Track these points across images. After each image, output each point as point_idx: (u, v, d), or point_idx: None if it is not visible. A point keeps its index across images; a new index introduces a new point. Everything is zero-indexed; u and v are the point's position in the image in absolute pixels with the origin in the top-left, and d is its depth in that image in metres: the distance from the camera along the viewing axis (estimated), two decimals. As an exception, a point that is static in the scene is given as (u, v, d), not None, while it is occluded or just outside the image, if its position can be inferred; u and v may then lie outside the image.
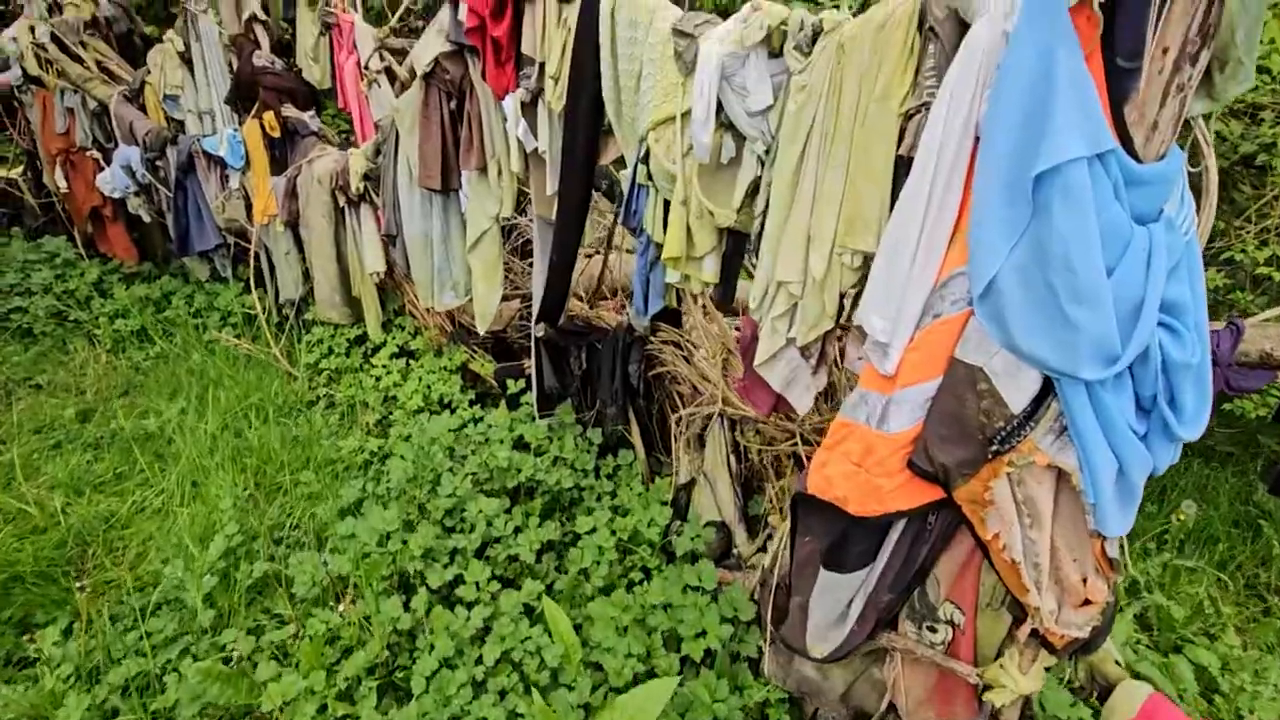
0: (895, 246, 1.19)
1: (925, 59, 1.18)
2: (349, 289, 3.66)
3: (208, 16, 3.83)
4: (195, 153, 3.79)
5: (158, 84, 3.95)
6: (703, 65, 1.47)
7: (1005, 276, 1.01)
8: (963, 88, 1.07)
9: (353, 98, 3.82)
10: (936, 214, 1.11)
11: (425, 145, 2.72)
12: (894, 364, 1.19)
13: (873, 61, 1.24)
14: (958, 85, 1.08)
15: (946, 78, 1.10)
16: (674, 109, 1.67)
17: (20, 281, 4.12)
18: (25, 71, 4.01)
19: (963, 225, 1.10)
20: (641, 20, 1.77)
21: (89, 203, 4.20)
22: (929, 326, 1.14)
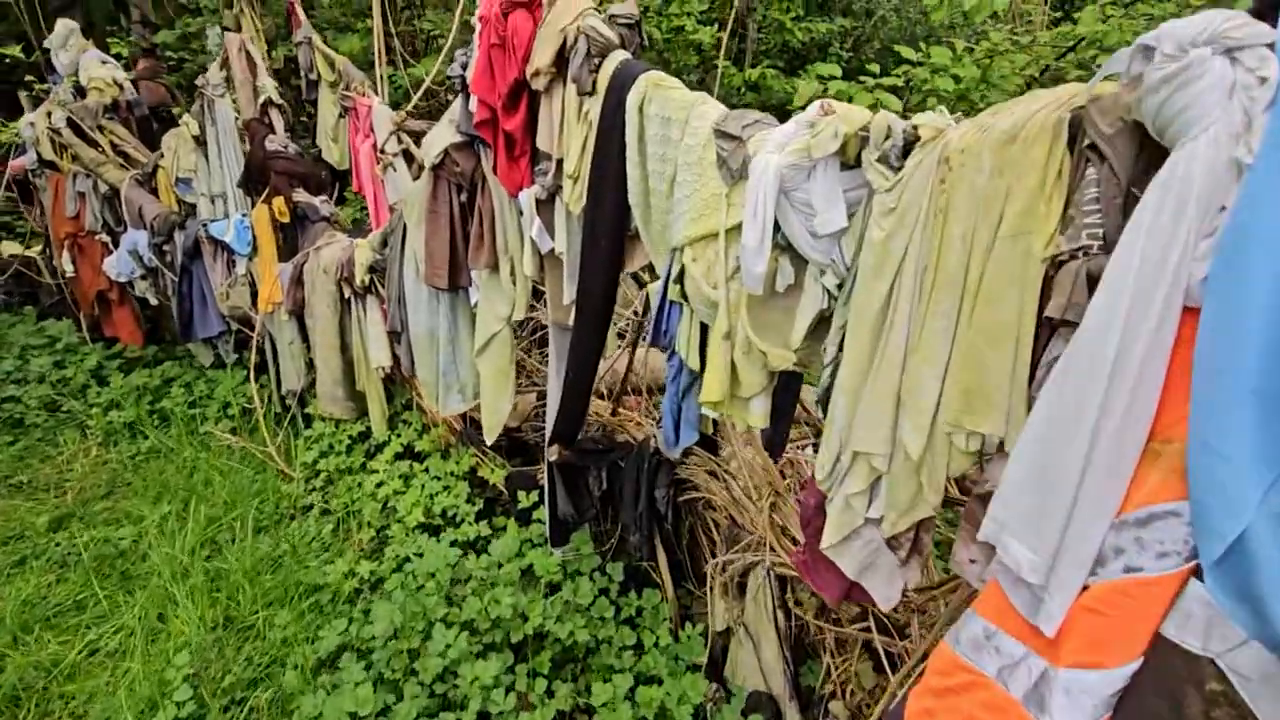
0: (1047, 452, 0.81)
1: (1083, 187, 0.84)
2: (353, 382, 3.37)
3: (224, 100, 3.71)
4: (201, 238, 3.60)
5: (171, 167, 3.81)
6: (757, 179, 1.15)
7: (1259, 533, 0.63)
8: (1164, 234, 0.72)
9: (368, 181, 3.63)
10: (1122, 416, 0.74)
11: (432, 240, 2.45)
12: (1055, 623, 0.80)
13: (996, 186, 0.90)
14: (1154, 230, 0.72)
15: (1135, 218, 0.75)
16: (716, 224, 1.34)
17: (18, 368, 3.92)
18: (40, 156, 3.91)
19: (1166, 435, 0.73)
20: (675, 117, 1.47)
21: (95, 286, 4.03)
22: (1116, 582, 0.75)
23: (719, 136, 1.32)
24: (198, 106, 3.80)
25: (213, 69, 3.71)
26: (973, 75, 3.43)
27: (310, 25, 4.26)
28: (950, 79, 3.38)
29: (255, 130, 3.51)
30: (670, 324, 1.68)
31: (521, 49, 1.80)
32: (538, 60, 1.75)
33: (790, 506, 1.89)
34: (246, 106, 3.68)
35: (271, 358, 3.68)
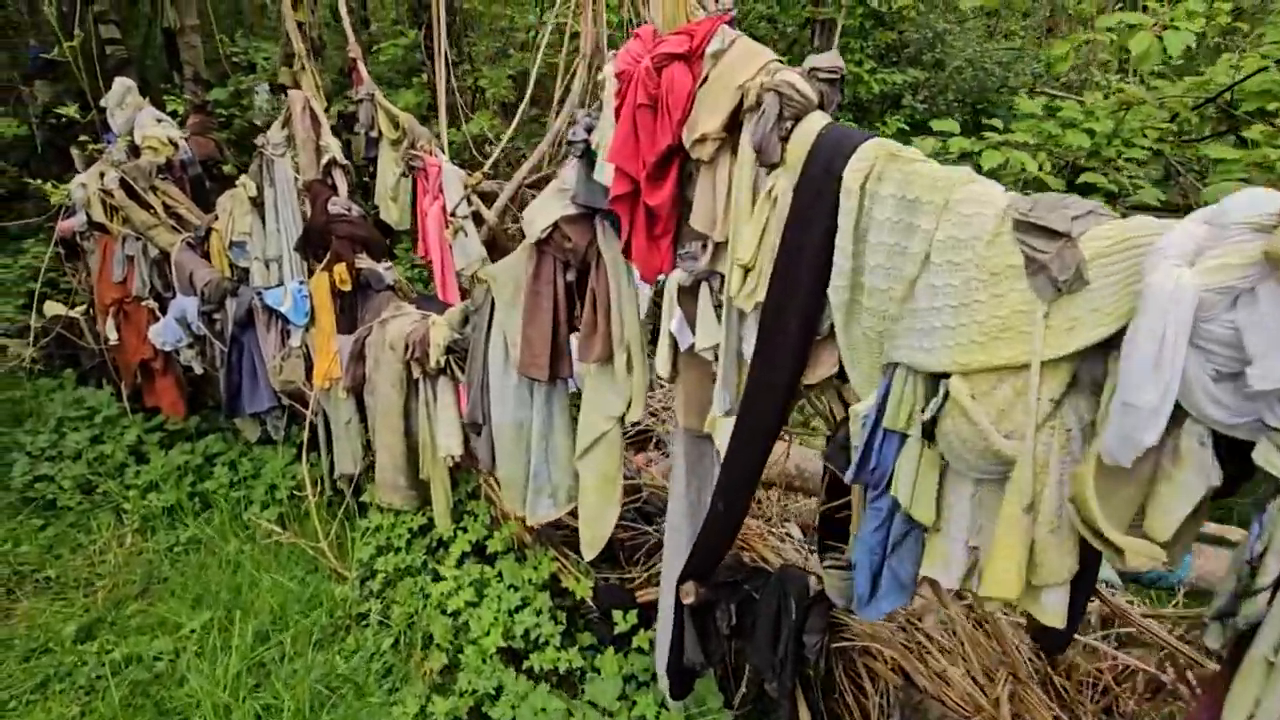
0: None
1: None
2: (416, 470, 2.99)
3: (285, 160, 3.46)
4: (255, 307, 3.29)
5: (225, 230, 3.54)
6: (1160, 307, 0.75)
7: None
8: None
9: (435, 246, 3.32)
10: None
11: (531, 326, 2.09)
12: None
13: None
14: None
15: None
16: (1022, 354, 0.95)
17: (53, 444, 3.60)
18: (89, 218, 3.67)
19: None
20: (926, 200, 1.10)
21: (139, 355, 3.73)
22: None
23: (1026, 231, 0.94)
24: (255, 166, 3.55)
25: (274, 128, 3.47)
26: (1105, 129, 3.07)
27: (371, 81, 4.04)
28: (1084, 134, 3.01)
29: (318, 192, 3.23)
30: (883, 457, 1.28)
31: (678, 110, 1.46)
32: (704, 124, 1.40)
33: (1031, 694, 1.44)
34: (308, 167, 3.42)
35: (325, 438, 3.33)
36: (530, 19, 7.67)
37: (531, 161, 3.51)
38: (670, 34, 1.48)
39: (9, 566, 3.02)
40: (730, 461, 1.57)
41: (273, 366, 3.30)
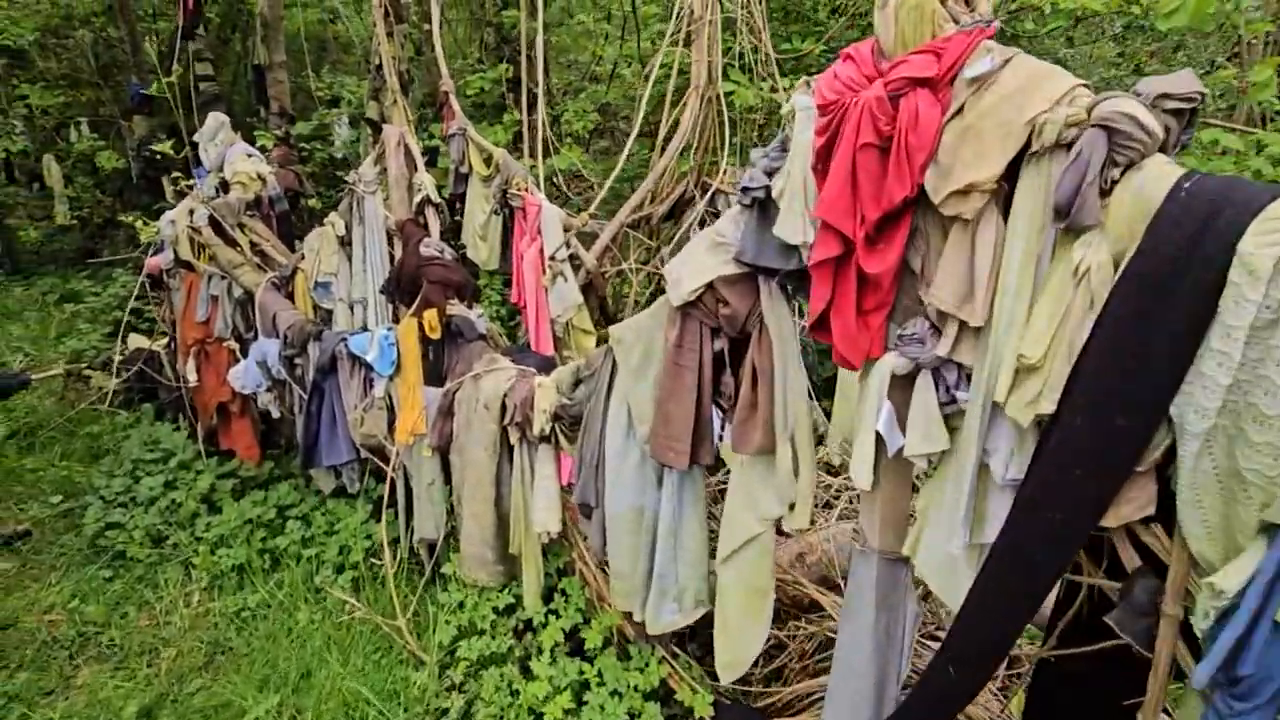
0: None
1: None
2: (505, 543, 2.66)
3: (375, 198, 3.26)
4: (339, 353, 3.06)
5: (311, 270, 3.35)
6: None
7: None
8: None
9: (530, 292, 3.03)
10: None
11: (670, 402, 1.74)
12: None
13: None
14: None
15: None
16: None
17: (127, 489, 3.43)
18: (176, 255, 3.55)
19: None
20: None
21: (218, 397, 3.56)
22: None
23: None
24: (345, 204, 3.36)
25: (366, 164, 3.28)
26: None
27: (464, 116, 3.85)
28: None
29: (410, 233, 3.00)
30: (1269, 663, 0.86)
31: (922, 152, 1.09)
32: (971, 171, 1.03)
33: None
34: (400, 205, 3.20)
35: (405, 498, 3.04)
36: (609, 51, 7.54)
37: (635, 200, 3.21)
38: (909, 53, 1.13)
39: (74, 627, 2.81)
40: (974, 618, 1.16)
41: (353, 418, 3.05)
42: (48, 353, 5.78)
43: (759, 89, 3.32)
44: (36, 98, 8.61)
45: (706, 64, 3.10)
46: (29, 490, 3.81)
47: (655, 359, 1.84)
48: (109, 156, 7.76)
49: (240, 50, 9.59)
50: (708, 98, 3.15)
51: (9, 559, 3.28)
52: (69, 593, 2.99)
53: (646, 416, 1.87)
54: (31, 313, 6.73)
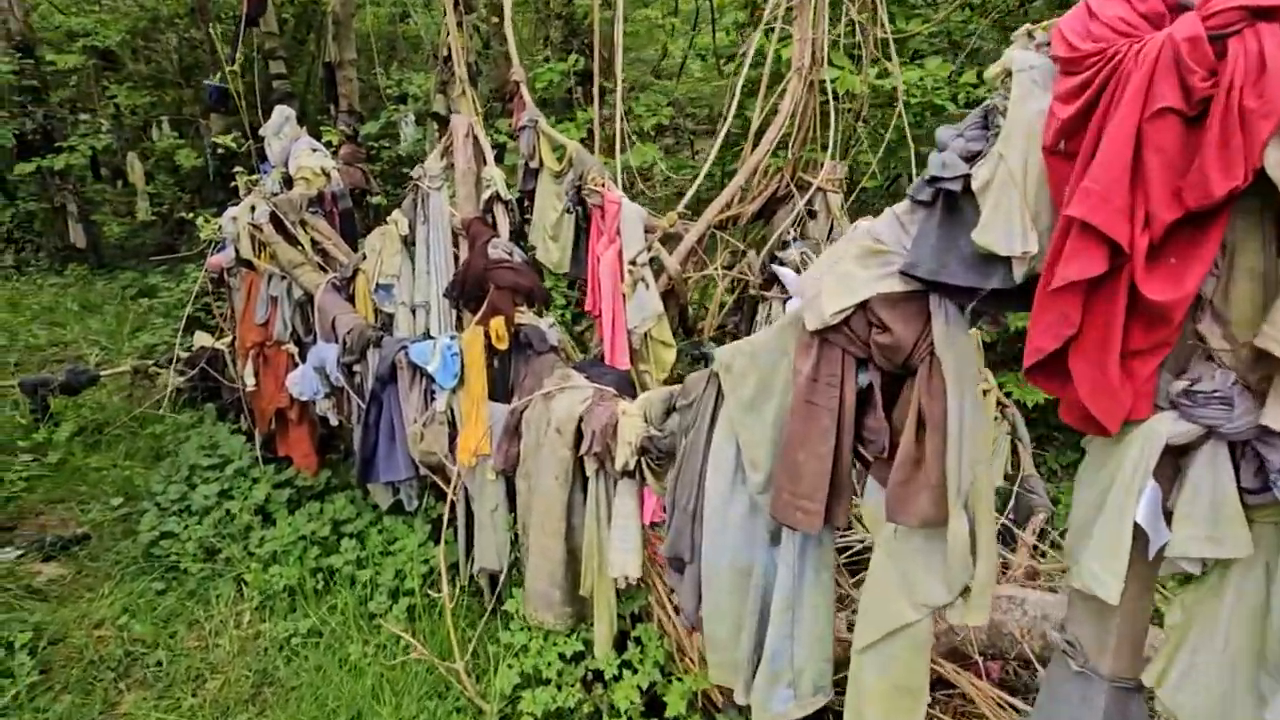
0: None
1: None
2: (575, 583, 2.35)
3: (441, 195, 3.01)
4: (400, 363, 2.82)
5: (372, 271, 3.13)
6: None
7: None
8: None
9: (607, 299, 2.72)
10: None
11: (800, 450, 1.38)
12: None
13: None
14: None
15: None
16: None
17: (182, 497, 3.29)
18: (238, 253, 3.39)
19: None
20: None
21: (275, 403, 3.39)
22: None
23: None
24: (409, 201, 3.13)
25: (431, 157, 3.04)
26: None
27: (536, 108, 3.57)
28: None
29: (478, 232, 2.73)
30: None
31: (1272, 119, 0.70)
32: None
33: None
34: (466, 202, 2.94)
35: (465, 522, 2.78)
36: (678, 45, 7.19)
37: (725, 197, 2.86)
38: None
39: (122, 646, 2.66)
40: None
41: (413, 433, 2.80)
42: (121, 346, 5.84)
43: (866, 73, 2.91)
44: (124, 97, 8.87)
45: (810, 42, 2.72)
46: (91, 490, 3.74)
47: (776, 393, 1.48)
48: (188, 154, 7.89)
49: (314, 49, 9.69)
50: (809, 82, 2.77)
51: (65, 564, 3.18)
52: (120, 606, 2.85)
53: (761, 463, 1.52)
54: (111, 306, 6.86)
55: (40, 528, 3.46)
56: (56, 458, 3.94)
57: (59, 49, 8.45)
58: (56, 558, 3.19)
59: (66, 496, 3.70)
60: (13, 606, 2.80)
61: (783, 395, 1.47)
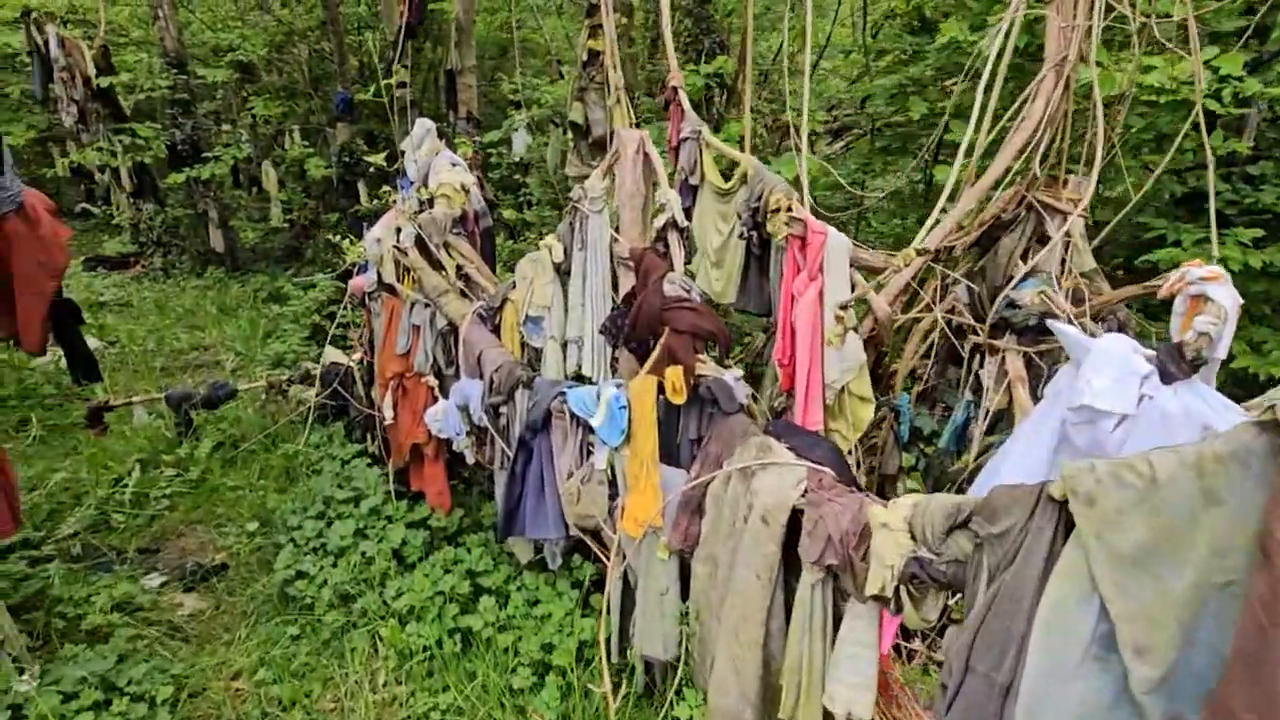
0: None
1: None
2: (773, 703, 1.91)
3: (602, 218, 2.65)
4: (556, 412, 2.48)
5: (521, 301, 2.81)
6: None
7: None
8: None
9: (804, 348, 2.26)
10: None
11: None
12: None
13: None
14: None
15: None
16: None
17: (317, 535, 3.11)
18: (380, 277, 3.18)
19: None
20: None
21: (412, 437, 3.16)
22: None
23: None
24: (565, 225, 2.79)
25: (594, 176, 2.68)
26: None
27: (699, 118, 3.16)
28: None
29: (652, 265, 2.34)
30: None
31: None
32: None
33: None
34: (632, 227, 2.57)
35: (620, 592, 2.41)
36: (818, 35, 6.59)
37: (951, 221, 2.34)
38: None
39: (259, 705, 2.46)
40: None
41: (568, 491, 2.46)
42: (255, 353, 5.93)
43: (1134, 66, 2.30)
44: (261, 108, 9.24)
45: (1071, 29, 2.15)
46: (228, 511, 3.67)
47: (1193, 559, 0.98)
48: (317, 164, 8.07)
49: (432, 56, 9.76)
50: (1065, 79, 2.20)
51: (205, 596, 3.07)
52: (256, 656, 2.67)
53: (1158, 651, 1.02)
54: (245, 311, 7.06)
55: (182, 552, 3.39)
56: (197, 474, 3.91)
57: (205, 64, 8.89)
58: (196, 589, 3.08)
59: (205, 518, 3.64)
60: (154, 650, 2.68)
61: (1208, 563, 0.97)
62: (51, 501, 3.53)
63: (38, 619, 2.64)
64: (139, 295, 7.53)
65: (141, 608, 2.87)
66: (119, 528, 3.45)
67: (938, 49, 4.53)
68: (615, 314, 2.62)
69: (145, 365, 5.56)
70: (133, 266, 8.41)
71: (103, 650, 2.48)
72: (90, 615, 2.65)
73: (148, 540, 3.42)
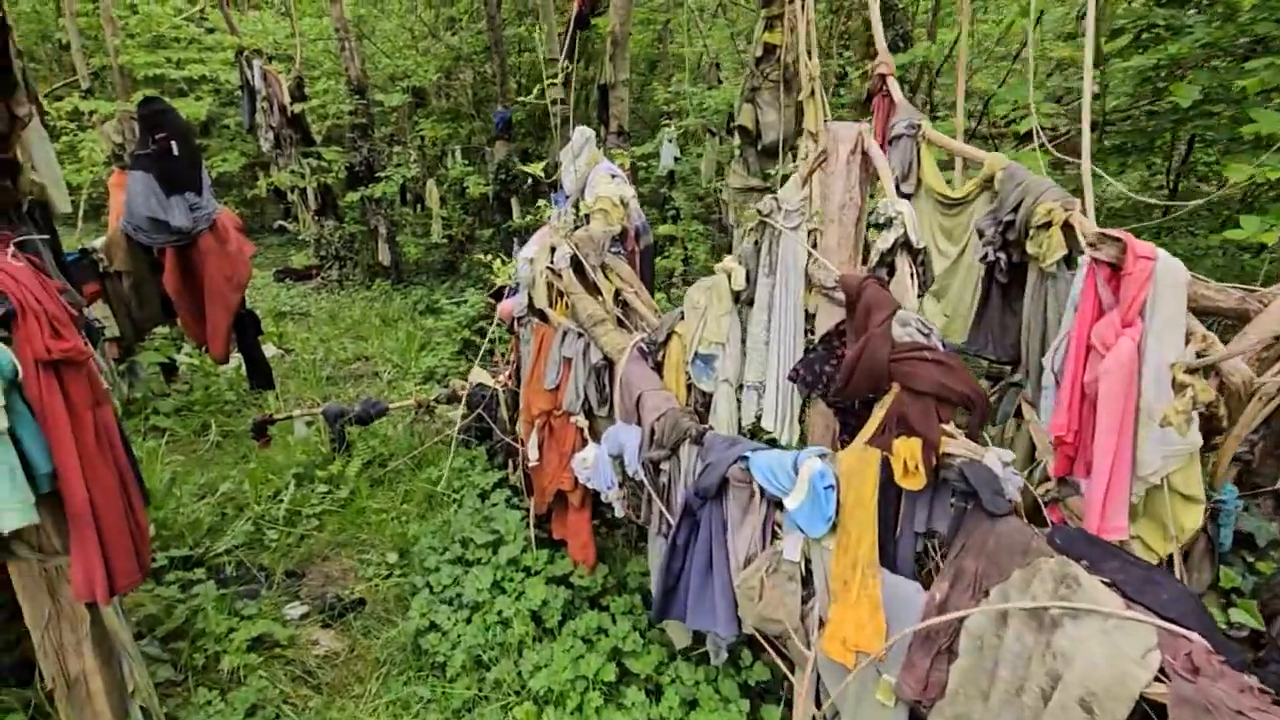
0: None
1: None
2: None
3: (799, 235, 2.08)
4: (735, 480, 1.94)
5: (690, 336, 2.32)
6: None
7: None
8: None
9: (1110, 424, 1.55)
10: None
11: None
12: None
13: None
14: None
15: None
16: None
17: (454, 582, 2.81)
18: (531, 301, 2.84)
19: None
20: None
21: (557, 482, 2.77)
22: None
23: None
24: (748, 245, 2.26)
25: (789, 184, 2.13)
26: None
27: (916, 109, 2.51)
28: None
29: (875, 300, 1.74)
30: None
31: None
32: None
33: None
34: (841, 247, 1.98)
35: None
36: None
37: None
38: None
39: (380, 789, 2.14)
40: None
41: (746, 584, 1.90)
42: (410, 366, 5.98)
43: None
44: (429, 130, 9.68)
45: None
46: (372, 537, 3.51)
47: None
48: (476, 182, 8.24)
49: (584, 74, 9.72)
50: None
51: (341, 635, 2.86)
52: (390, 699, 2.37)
53: None
54: (404, 323, 7.25)
55: (325, 578, 3.25)
56: (346, 492, 3.82)
57: (383, 90, 9.45)
58: (333, 625, 2.89)
59: (349, 541, 3.50)
60: (288, 695, 2.47)
61: None
62: (215, 513, 3.55)
63: (183, 650, 2.53)
64: (316, 305, 8.03)
65: (279, 644, 2.69)
66: (271, 546, 3.38)
67: (1208, 20, 3.53)
68: (812, 357, 2.04)
69: (314, 374, 5.75)
70: (313, 278, 9.05)
71: (234, 700, 2.29)
72: (229, 654, 2.49)
73: (295, 562, 3.32)
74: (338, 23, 8.04)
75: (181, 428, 4.54)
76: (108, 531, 1.66)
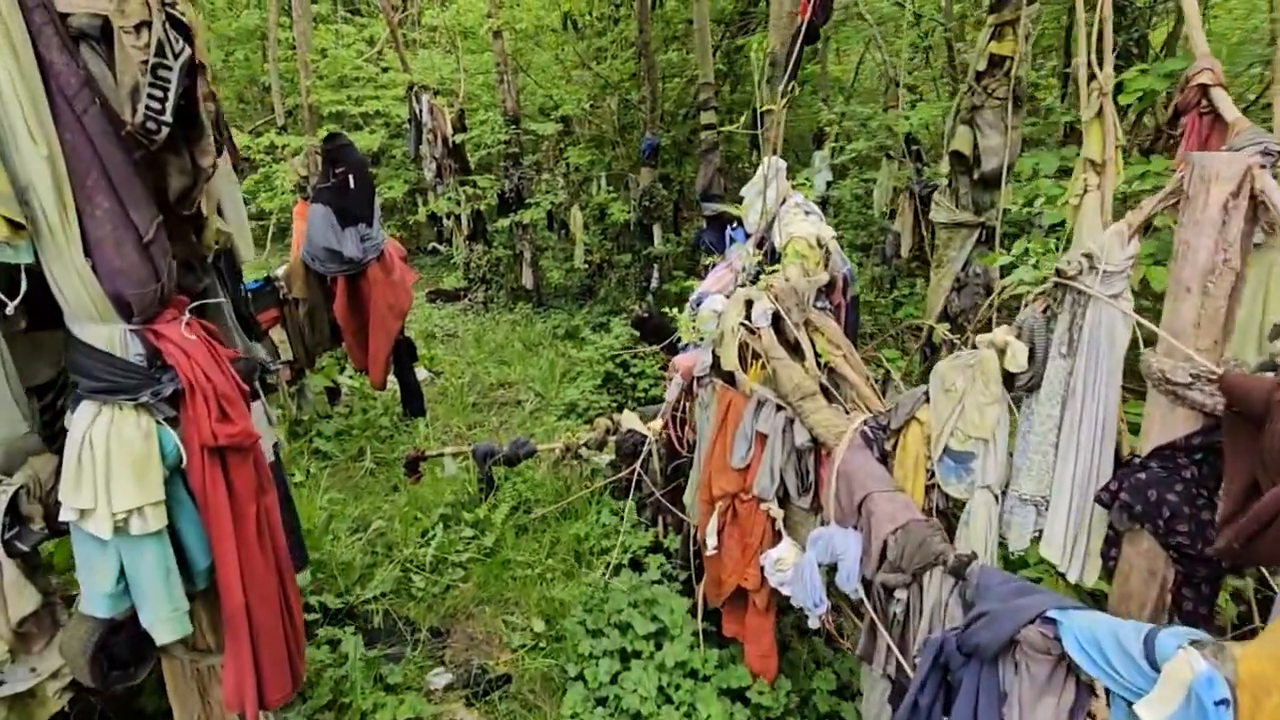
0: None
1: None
2: None
3: (1122, 305, 1.49)
4: (1029, 646, 1.38)
5: (939, 426, 1.78)
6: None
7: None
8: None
9: None
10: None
11: None
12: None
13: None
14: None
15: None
16: None
17: (612, 678, 2.42)
18: (716, 361, 2.41)
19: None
20: None
21: (739, 579, 2.31)
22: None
23: None
24: (1033, 315, 1.69)
25: (1111, 235, 1.53)
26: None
27: (1260, 129, 1.82)
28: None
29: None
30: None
31: None
32: None
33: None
34: (1202, 328, 1.38)
35: None
36: None
37: None
38: None
39: None
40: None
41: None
42: (552, 397, 5.82)
43: None
44: (575, 157, 9.73)
45: None
46: (517, 595, 3.23)
47: None
48: (620, 208, 8.09)
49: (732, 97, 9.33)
50: None
51: (484, 716, 2.56)
52: None
53: None
54: (544, 348, 7.16)
55: (469, 641, 3.00)
56: (491, 540, 3.59)
57: (534, 119, 9.63)
58: (476, 705, 2.60)
59: (493, 598, 3.24)
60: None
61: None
62: (366, 552, 3.44)
63: (328, 721, 2.33)
64: (464, 326, 8.19)
65: (422, 722, 2.43)
66: (418, 596, 3.19)
67: None
68: (1144, 479, 1.44)
69: (460, 400, 5.73)
70: (461, 299, 9.32)
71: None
72: (373, 737, 2.25)
73: (440, 618, 3.10)
74: (499, 57, 8.23)
75: (340, 451, 4.59)
76: (262, 637, 1.42)
